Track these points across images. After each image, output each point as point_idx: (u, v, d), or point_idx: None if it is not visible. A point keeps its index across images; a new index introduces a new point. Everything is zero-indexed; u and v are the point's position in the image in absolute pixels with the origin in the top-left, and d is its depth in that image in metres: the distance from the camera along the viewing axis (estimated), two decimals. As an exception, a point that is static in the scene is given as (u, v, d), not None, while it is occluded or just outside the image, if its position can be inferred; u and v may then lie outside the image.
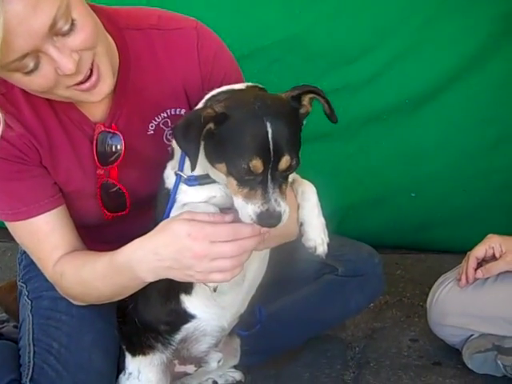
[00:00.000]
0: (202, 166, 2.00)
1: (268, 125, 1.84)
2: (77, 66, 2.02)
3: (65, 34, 1.98)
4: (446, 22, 3.72)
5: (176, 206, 2.10)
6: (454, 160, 3.93)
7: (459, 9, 3.69)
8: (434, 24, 3.73)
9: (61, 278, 2.34)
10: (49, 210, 2.31)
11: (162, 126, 2.43)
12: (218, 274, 1.99)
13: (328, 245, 2.18)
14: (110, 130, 2.35)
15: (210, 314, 2.34)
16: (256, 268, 2.31)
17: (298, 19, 3.77)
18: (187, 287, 2.27)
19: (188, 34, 2.38)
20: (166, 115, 2.43)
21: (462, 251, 3.99)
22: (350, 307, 2.95)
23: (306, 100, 2.03)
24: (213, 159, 1.95)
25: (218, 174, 1.98)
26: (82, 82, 2.09)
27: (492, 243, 2.91)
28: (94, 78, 2.11)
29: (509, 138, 3.87)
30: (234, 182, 1.90)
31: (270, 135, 1.84)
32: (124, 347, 2.56)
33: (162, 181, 2.19)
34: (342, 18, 3.77)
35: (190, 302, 2.32)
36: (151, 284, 2.34)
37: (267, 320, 2.62)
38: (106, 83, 2.16)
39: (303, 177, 2.28)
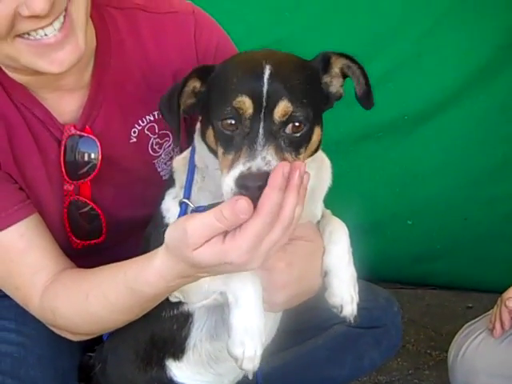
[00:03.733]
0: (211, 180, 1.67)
1: (267, 66, 1.50)
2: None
3: None
4: (451, 32, 3.44)
5: None
6: (455, 185, 3.64)
7: (465, 18, 3.42)
8: (437, 34, 3.45)
9: (53, 315, 1.91)
10: (21, 219, 1.88)
11: (147, 132, 2.02)
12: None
13: (358, 304, 1.79)
14: (83, 133, 1.91)
15: (203, 383, 1.98)
16: (268, 330, 1.89)
17: (287, 23, 3.44)
18: (176, 351, 1.91)
19: (183, 19, 2.00)
20: (152, 118, 2.02)
21: (462, 287, 3.73)
22: (363, 365, 2.50)
23: (337, 66, 1.64)
24: (204, 130, 1.62)
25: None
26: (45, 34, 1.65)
27: (529, 284, 2.47)
28: (63, 31, 1.67)
29: (514, 161, 3.59)
30: (221, 152, 1.53)
31: (266, 75, 1.49)
32: (86, 422, 2.07)
33: (158, 215, 1.81)
34: (335, 23, 3.47)
35: (178, 369, 1.95)
36: (126, 342, 1.93)
37: (265, 379, 2.15)
38: (76, 46, 1.71)
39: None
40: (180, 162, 1.83)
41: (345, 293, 1.78)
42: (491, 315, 2.54)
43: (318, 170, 1.81)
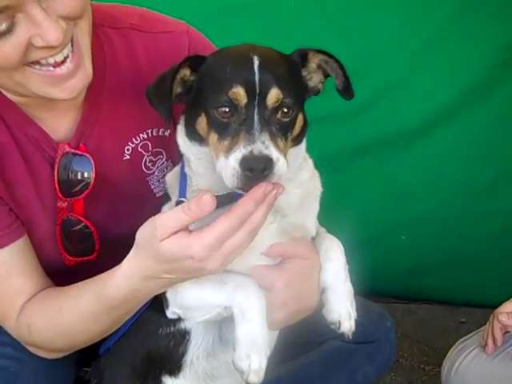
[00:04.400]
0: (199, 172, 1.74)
1: (255, 57, 1.60)
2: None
3: None
4: (443, 51, 3.45)
5: None
6: (449, 201, 3.64)
7: (457, 37, 3.43)
8: (430, 52, 3.46)
9: (28, 331, 1.93)
10: (5, 246, 1.89)
11: (140, 149, 2.03)
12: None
13: (356, 321, 1.80)
14: (77, 151, 1.92)
15: None
16: None
17: (283, 39, 3.37)
18: (173, 368, 1.90)
19: (178, 38, 2.02)
20: (145, 136, 2.03)
21: (455, 302, 3.73)
22: (357, 380, 2.46)
23: (314, 61, 1.73)
24: (194, 120, 1.66)
25: (205, 150, 1.67)
26: (55, 65, 1.68)
27: (523, 300, 2.47)
28: (74, 61, 1.71)
29: (508, 178, 3.60)
30: (215, 137, 1.60)
31: (255, 65, 1.58)
32: None
33: None
34: (330, 40, 3.32)
35: None
36: (123, 358, 1.93)
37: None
38: (85, 73, 1.75)
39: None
40: (172, 177, 1.87)
41: (342, 309, 1.79)
42: (484, 331, 2.55)
43: (309, 180, 1.87)
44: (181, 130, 1.77)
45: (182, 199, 1.74)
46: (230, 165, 1.53)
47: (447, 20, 3.40)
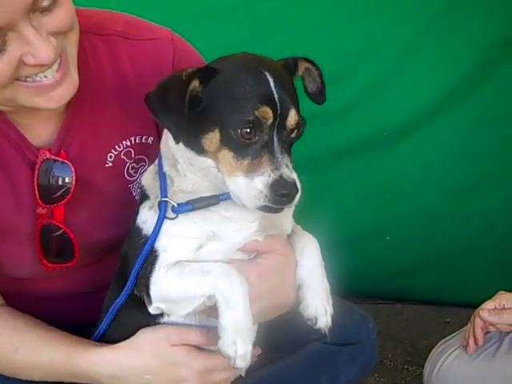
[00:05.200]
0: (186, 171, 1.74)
1: (267, 74, 1.60)
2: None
3: (43, 11, 1.63)
4: (428, 50, 3.48)
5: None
6: (433, 200, 3.66)
7: (441, 37, 3.45)
8: (415, 52, 3.48)
9: None
10: None
11: (123, 156, 2.01)
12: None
13: (332, 317, 1.82)
14: (58, 158, 1.90)
15: None
16: None
17: (266, 40, 3.41)
18: None
19: (162, 46, 2.00)
20: (129, 143, 2.00)
21: (440, 302, 3.74)
22: (339, 382, 2.49)
23: (301, 69, 1.76)
24: (199, 132, 1.64)
25: (205, 161, 1.67)
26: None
27: (503, 300, 2.47)
28: (60, 71, 1.71)
29: (491, 177, 3.62)
30: (230, 155, 1.62)
31: (271, 84, 1.59)
32: None
33: (134, 230, 1.82)
34: (314, 39, 3.46)
35: None
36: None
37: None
38: (71, 82, 1.76)
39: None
40: (149, 177, 1.86)
41: (319, 305, 1.80)
42: (465, 331, 2.55)
43: None
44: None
45: (166, 199, 1.74)
46: (255, 187, 1.57)
47: (431, 20, 3.42)
